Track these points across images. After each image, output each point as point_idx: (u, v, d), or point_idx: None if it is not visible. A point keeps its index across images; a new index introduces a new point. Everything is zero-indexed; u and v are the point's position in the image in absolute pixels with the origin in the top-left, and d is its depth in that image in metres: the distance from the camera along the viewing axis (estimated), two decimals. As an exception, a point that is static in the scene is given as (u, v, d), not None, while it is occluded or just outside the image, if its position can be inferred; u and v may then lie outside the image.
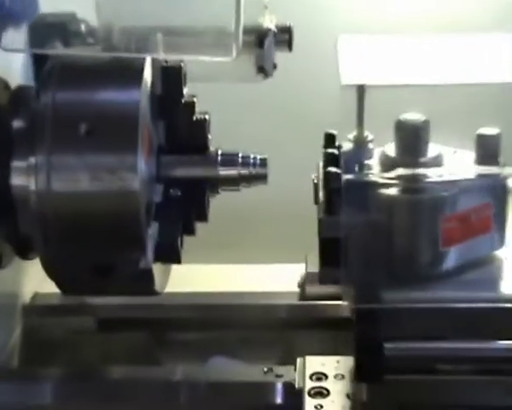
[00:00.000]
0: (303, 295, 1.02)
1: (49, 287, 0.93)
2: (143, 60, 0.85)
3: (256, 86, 0.96)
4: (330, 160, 0.77)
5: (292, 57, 0.96)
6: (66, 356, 1.01)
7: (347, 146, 0.81)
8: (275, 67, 0.97)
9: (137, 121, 0.82)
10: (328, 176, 0.75)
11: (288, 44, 0.99)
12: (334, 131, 0.83)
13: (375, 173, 0.76)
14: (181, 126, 0.88)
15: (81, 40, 0.99)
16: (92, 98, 0.83)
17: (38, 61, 0.95)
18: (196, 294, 1.04)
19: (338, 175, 0.75)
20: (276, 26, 0.99)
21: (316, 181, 0.85)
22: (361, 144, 0.80)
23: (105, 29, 0.99)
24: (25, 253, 0.90)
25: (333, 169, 0.75)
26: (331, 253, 0.75)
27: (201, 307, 1.02)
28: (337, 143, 0.82)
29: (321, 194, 0.78)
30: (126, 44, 0.90)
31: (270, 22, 1.00)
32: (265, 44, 0.97)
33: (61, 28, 0.96)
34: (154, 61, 0.87)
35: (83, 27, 0.99)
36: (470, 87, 0.85)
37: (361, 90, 0.76)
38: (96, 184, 0.81)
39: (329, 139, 0.83)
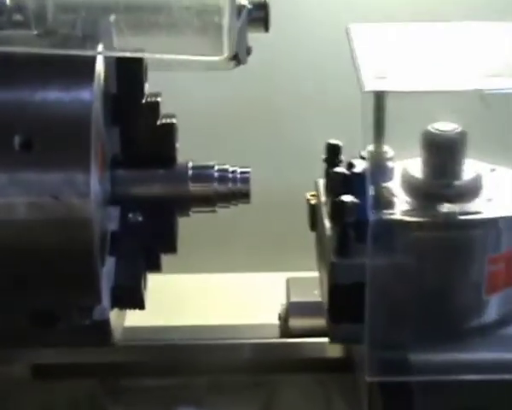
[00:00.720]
0: (285, 331, 0.86)
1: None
2: (94, 45, 0.66)
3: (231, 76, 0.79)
4: (338, 181, 0.61)
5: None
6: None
7: (360, 164, 0.66)
8: (248, 52, 0.81)
9: (89, 129, 0.62)
10: (341, 207, 0.58)
11: (264, 24, 0.82)
12: (338, 142, 0.67)
13: (402, 211, 0.60)
14: (141, 133, 0.70)
15: (5, 17, 0.81)
16: (28, 100, 0.63)
17: None
18: (155, 329, 0.88)
19: (355, 207, 0.59)
20: (251, 2, 0.83)
21: (313, 202, 0.69)
22: (379, 162, 0.64)
23: (39, 3, 0.81)
24: None
25: (348, 199, 0.59)
26: (345, 304, 0.60)
27: (162, 347, 0.85)
28: (343, 157, 0.66)
29: (326, 225, 0.62)
30: (67, 25, 0.73)
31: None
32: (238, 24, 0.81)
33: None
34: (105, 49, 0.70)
35: (7, 1, 0.81)
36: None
37: (380, 97, 0.60)
38: (35, 211, 0.62)
39: (332, 151, 0.66)
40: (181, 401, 0.82)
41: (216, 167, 0.72)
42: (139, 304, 0.68)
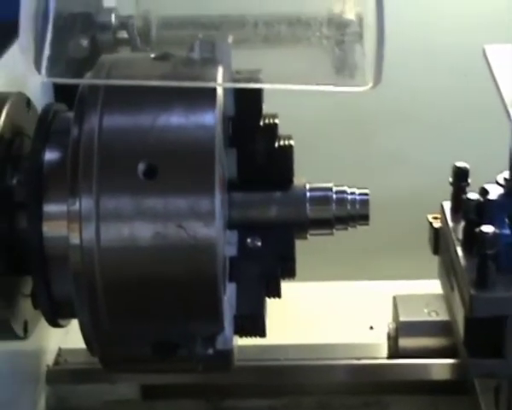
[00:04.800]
0: (394, 350, 0.85)
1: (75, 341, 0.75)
2: (214, 70, 0.65)
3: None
4: (472, 208, 0.59)
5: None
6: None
7: (495, 190, 0.63)
8: (354, 68, 0.78)
9: (213, 155, 0.61)
10: (482, 238, 0.56)
11: (359, 39, 0.81)
12: (466, 165, 0.65)
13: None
14: (259, 155, 0.69)
15: (111, 34, 0.81)
16: (151, 127, 0.62)
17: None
18: (258, 348, 0.86)
19: (496, 238, 0.57)
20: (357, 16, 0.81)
21: (436, 225, 0.67)
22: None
23: (144, 20, 0.81)
24: (57, 319, 0.71)
25: (489, 229, 0.57)
26: (484, 338, 0.58)
27: (268, 368, 0.84)
28: (470, 181, 0.64)
29: (460, 253, 0.60)
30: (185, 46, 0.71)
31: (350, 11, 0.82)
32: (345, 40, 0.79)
33: (85, 20, 0.77)
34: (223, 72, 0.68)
35: (113, 18, 0.81)
36: None
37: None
38: (160, 239, 0.61)
39: (460, 174, 0.64)
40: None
41: (334, 189, 0.71)
42: (261, 332, 0.67)
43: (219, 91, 0.65)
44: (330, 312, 0.96)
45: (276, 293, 0.68)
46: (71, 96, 0.68)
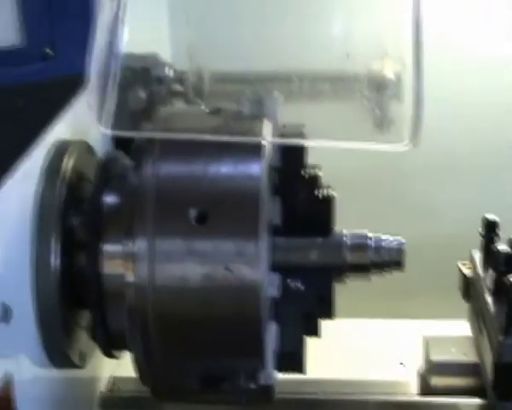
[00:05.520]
0: (425, 388, 0.88)
1: (127, 370, 0.80)
2: (261, 125, 0.72)
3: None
4: (501, 259, 0.63)
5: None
6: None
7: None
8: (393, 125, 0.82)
9: (259, 203, 0.67)
10: (510, 288, 0.61)
11: (398, 97, 0.85)
12: (496, 218, 0.69)
13: None
14: (302, 203, 0.73)
15: (165, 86, 0.86)
16: (203, 174, 0.68)
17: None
18: (300, 382, 0.90)
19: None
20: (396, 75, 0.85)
21: (467, 272, 0.72)
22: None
23: (197, 74, 0.86)
24: (111, 350, 0.76)
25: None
26: None
27: (305, 402, 0.88)
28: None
29: (489, 301, 0.64)
30: (233, 100, 0.77)
31: (389, 70, 0.87)
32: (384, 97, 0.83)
33: (143, 73, 0.83)
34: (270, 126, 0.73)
35: (168, 72, 0.86)
36: None
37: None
38: (208, 279, 0.67)
39: (490, 226, 0.69)
40: None
41: (371, 237, 0.75)
42: (300, 369, 0.72)
43: (266, 144, 0.70)
44: (363, 348, 0.99)
45: (315, 332, 0.73)
46: (128, 144, 0.74)
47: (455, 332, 0.91)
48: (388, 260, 0.75)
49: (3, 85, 0.80)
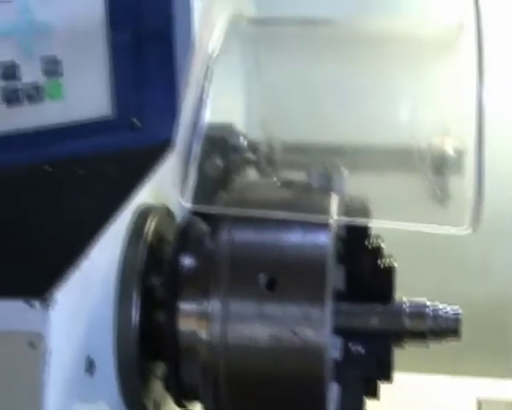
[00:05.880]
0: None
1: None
2: (329, 199, 0.77)
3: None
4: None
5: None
6: None
7: None
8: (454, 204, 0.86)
9: (326, 272, 0.73)
10: None
11: (459, 173, 0.88)
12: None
13: None
14: (365, 272, 0.78)
15: (240, 154, 0.93)
16: (273, 243, 0.75)
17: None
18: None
19: None
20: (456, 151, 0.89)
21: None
22: None
23: (269, 145, 0.92)
24: (183, 401, 0.82)
25: None
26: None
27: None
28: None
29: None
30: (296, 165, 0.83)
31: (450, 146, 0.91)
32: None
33: (220, 142, 0.89)
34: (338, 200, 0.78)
35: (242, 141, 0.93)
36: None
37: None
38: (275, 341, 0.72)
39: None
40: None
41: (429, 305, 0.79)
42: (360, 430, 0.77)
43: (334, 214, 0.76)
44: (416, 403, 1.03)
45: (374, 394, 0.78)
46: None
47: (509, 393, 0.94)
48: (445, 329, 0.79)
49: (94, 153, 0.89)
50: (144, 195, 0.83)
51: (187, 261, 0.79)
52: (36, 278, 0.69)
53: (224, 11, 0.80)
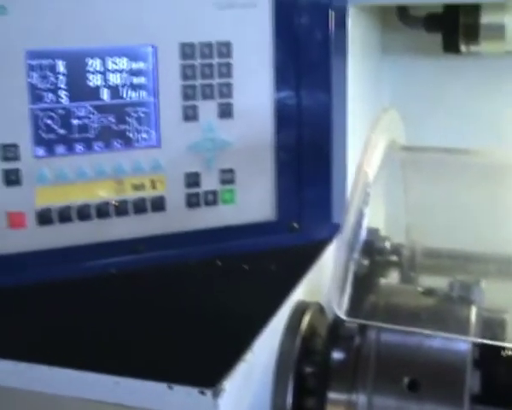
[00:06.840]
0: None
1: None
2: (469, 312, 0.85)
3: None
4: None
5: None
6: None
7: None
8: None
9: (465, 376, 0.81)
10: None
11: None
12: None
13: None
14: (499, 378, 0.85)
15: (384, 257, 1.01)
16: (417, 347, 0.83)
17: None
18: None
19: None
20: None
21: None
22: None
23: (411, 248, 1.01)
24: None
25: None
26: None
27: None
28: None
29: None
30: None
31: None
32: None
33: (367, 244, 0.98)
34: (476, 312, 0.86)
35: (387, 245, 1.01)
36: None
37: None
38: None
39: None
40: None
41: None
42: None
43: (472, 322, 0.84)
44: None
45: None
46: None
47: None
48: None
49: (257, 251, 1.01)
50: (300, 291, 0.94)
51: (336, 355, 0.87)
52: (206, 367, 0.78)
53: (381, 140, 0.91)
